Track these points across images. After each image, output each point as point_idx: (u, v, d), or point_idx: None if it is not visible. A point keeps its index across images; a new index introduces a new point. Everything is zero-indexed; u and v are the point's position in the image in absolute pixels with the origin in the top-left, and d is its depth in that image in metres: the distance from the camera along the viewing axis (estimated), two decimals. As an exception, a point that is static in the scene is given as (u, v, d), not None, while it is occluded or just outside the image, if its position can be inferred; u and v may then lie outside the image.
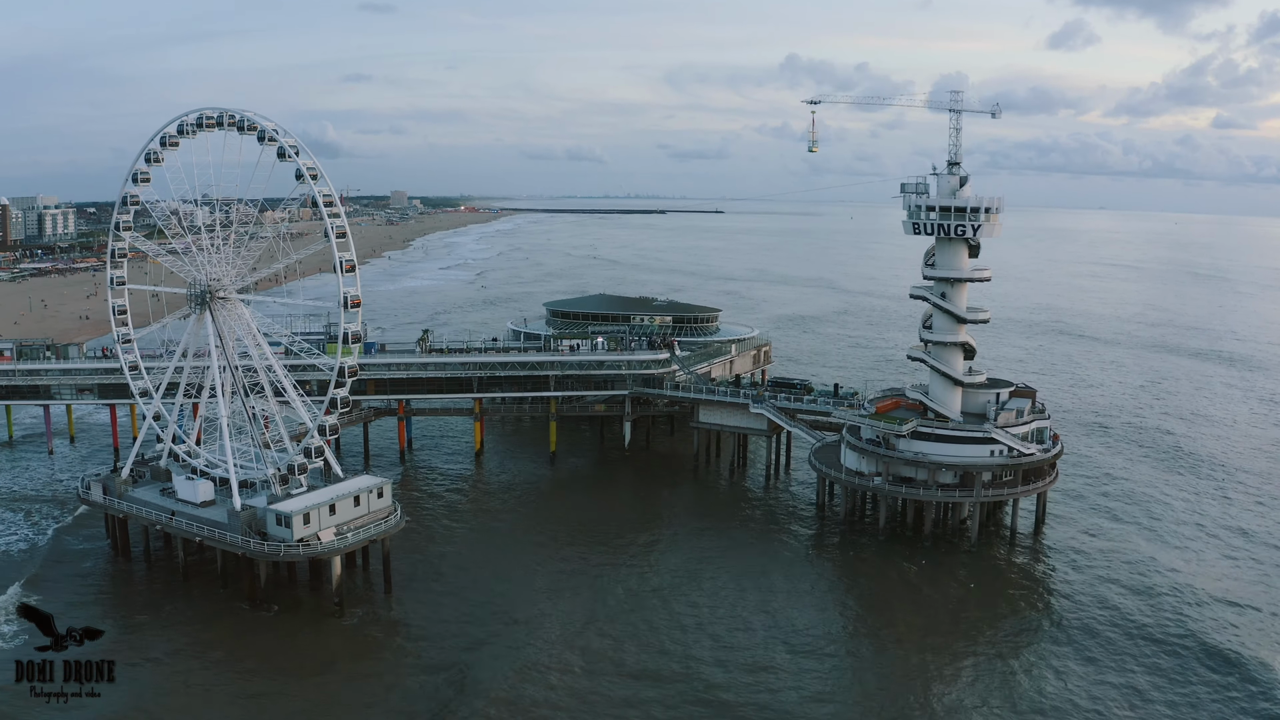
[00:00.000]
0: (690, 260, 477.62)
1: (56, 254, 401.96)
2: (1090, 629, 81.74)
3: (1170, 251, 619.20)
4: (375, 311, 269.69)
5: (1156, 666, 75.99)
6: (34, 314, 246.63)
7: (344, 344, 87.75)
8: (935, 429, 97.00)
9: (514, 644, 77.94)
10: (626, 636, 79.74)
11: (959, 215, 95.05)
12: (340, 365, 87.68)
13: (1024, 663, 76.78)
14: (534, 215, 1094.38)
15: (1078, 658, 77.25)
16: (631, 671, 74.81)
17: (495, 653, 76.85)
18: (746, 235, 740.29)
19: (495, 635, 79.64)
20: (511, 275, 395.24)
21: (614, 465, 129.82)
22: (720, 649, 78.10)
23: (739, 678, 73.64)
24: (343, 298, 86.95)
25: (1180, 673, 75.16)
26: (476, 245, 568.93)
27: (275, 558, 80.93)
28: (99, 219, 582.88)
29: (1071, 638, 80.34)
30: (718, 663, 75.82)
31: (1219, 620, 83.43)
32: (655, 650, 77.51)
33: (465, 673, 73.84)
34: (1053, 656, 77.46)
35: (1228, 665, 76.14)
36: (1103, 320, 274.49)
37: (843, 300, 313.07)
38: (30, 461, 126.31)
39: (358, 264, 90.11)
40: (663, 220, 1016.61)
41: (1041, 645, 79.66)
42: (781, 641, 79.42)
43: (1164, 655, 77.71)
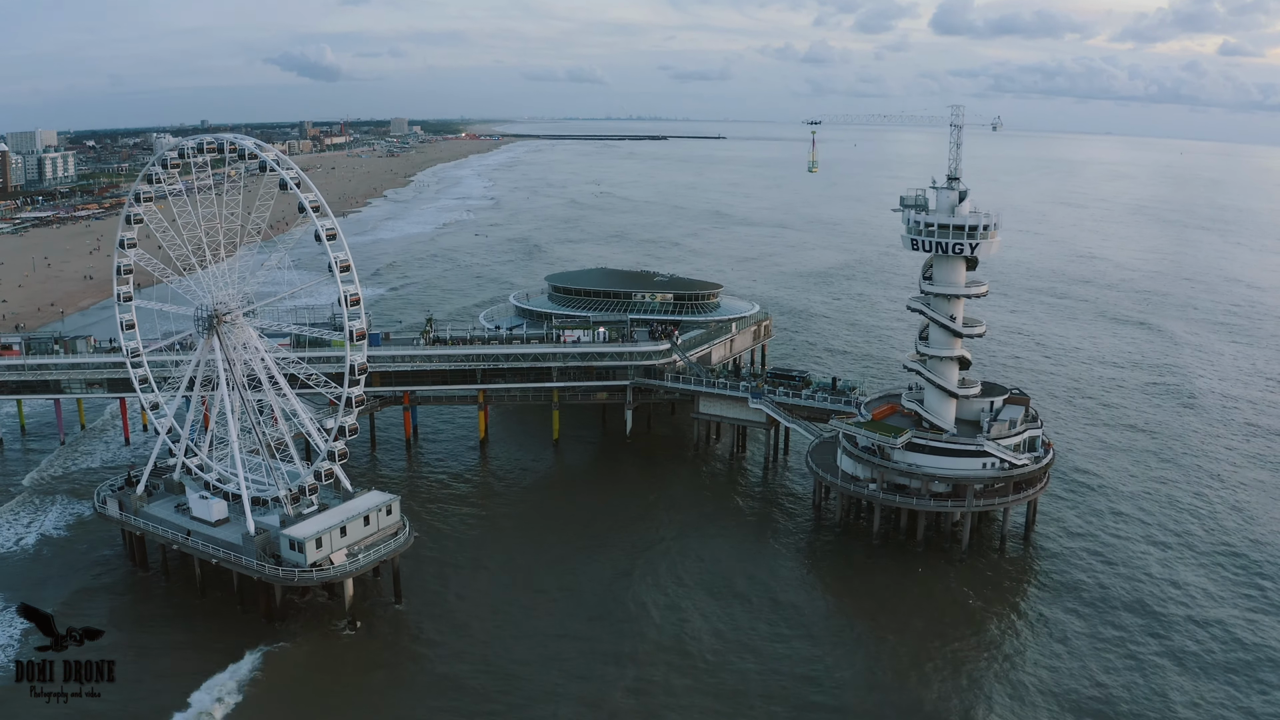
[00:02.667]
0: (693, 199, 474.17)
1: (57, 200, 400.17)
2: (1080, 631, 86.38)
3: (1177, 190, 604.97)
4: (377, 264, 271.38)
5: (1147, 668, 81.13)
6: (38, 274, 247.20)
7: (350, 340, 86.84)
8: (929, 441, 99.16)
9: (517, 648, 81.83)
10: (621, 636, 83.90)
11: (957, 233, 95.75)
12: (350, 363, 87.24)
13: (1009, 665, 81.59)
14: (535, 143, 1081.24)
15: (1067, 658, 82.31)
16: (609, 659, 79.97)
17: (500, 656, 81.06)
18: (747, 170, 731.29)
19: (500, 640, 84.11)
20: (511, 216, 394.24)
21: (616, 453, 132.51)
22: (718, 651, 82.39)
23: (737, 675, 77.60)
24: (342, 296, 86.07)
25: (1163, 673, 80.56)
26: (477, 182, 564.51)
27: (290, 582, 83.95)
28: (100, 156, 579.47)
29: (1061, 638, 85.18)
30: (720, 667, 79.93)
31: (1208, 619, 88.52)
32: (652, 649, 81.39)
33: (477, 678, 78.55)
34: (1040, 658, 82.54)
35: (1209, 653, 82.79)
36: (1105, 285, 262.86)
37: (844, 255, 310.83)
38: (43, 452, 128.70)
39: (353, 264, 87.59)
40: (664, 149, 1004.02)
41: (1029, 647, 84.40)
42: (777, 642, 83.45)
43: (1152, 658, 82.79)
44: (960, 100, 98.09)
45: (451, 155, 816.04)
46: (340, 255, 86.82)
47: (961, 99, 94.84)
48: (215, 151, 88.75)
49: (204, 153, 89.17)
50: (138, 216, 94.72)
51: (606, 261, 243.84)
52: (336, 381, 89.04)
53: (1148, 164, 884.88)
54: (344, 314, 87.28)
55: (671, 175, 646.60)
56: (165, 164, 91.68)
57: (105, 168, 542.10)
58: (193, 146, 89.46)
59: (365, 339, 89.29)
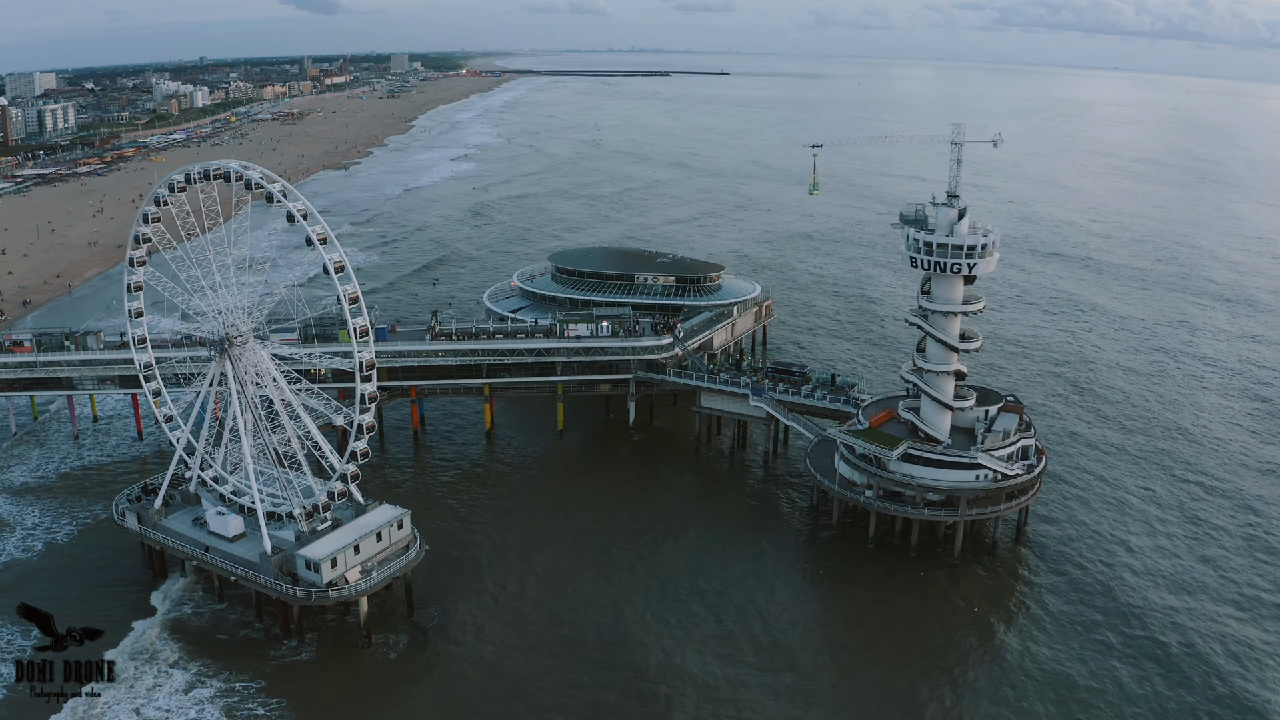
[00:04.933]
0: (697, 147, 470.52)
1: (58, 154, 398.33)
2: (1068, 634, 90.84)
3: (1184, 137, 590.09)
4: (378, 226, 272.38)
5: (1136, 670, 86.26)
6: (42, 241, 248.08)
7: (357, 337, 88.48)
8: (924, 452, 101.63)
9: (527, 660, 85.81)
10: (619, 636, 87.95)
11: (956, 253, 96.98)
12: (359, 359, 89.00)
13: (1000, 666, 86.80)
14: (536, 81, 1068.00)
15: (1052, 660, 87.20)
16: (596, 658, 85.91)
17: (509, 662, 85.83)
18: (749, 114, 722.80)
19: (509, 647, 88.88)
20: (513, 170, 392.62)
21: (619, 444, 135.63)
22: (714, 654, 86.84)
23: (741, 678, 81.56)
24: (342, 295, 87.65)
25: (1148, 676, 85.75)
26: (479, 128, 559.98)
27: (307, 602, 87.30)
28: (99, 103, 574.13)
29: (1048, 640, 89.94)
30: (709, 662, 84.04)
31: (1196, 610, 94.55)
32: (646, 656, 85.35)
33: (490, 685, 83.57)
34: (1028, 661, 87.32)
35: (1193, 659, 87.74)
36: (1107, 252, 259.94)
37: (848, 215, 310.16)
38: (57, 447, 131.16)
39: (355, 278, 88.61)
40: (667, 88, 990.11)
41: (1018, 647, 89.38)
42: (773, 644, 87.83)
43: (1143, 659, 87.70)
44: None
45: (453, 95, 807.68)
46: (334, 256, 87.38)
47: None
48: (221, 179, 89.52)
49: (210, 180, 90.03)
50: (146, 236, 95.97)
51: (609, 222, 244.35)
52: (344, 377, 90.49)
53: (1155, 106, 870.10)
54: (345, 312, 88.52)
55: (676, 120, 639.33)
56: (172, 188, 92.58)
57: (105, 116, 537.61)
58: (199, 173, 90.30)
59: (370, 335, 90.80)
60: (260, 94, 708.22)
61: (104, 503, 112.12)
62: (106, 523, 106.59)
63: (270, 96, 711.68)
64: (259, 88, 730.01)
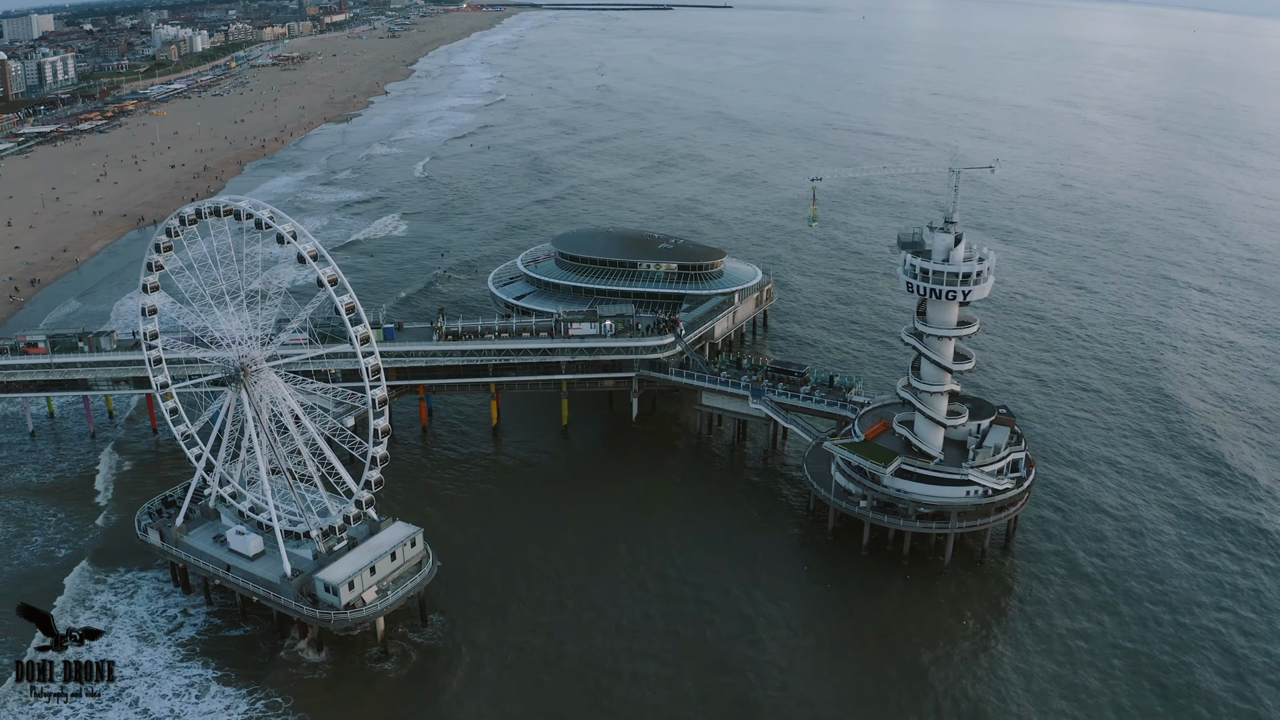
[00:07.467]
0: (704, 96, 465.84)
1: (59, 108, 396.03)
2: (1054, 642, 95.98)
3: (1192, 86, 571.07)
4: (382, 189, 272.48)
5: (1121, 676, 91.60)
6: (47, 211, 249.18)
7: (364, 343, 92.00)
8: (917, 468, 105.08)
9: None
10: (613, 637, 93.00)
11: (951, 280, 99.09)
12: (364, 367, 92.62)
13: (985, 675, 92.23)
14: (538, 17, 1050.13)
15: (1039, 667, 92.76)
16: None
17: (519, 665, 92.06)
18: (754, 54, 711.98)
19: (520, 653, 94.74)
20: (515, 122, 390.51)
21: (622, 440, 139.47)
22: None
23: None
24: (339, 306, 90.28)
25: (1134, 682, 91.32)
26: (480, 75, 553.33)
27: (326, 624, 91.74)
28: (98, 50, 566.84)
29: (1036, 647, 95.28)
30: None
31: (1185, 615, 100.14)
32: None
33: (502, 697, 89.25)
34: (1015, 667, 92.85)
35: (1180, 668, 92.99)
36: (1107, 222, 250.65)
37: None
38: (73, 445, 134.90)
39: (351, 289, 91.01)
40: (669, 25, 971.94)
41: (1005, 652, 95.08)
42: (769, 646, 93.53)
43: (1132, 660, 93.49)
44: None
45: (454, 34, 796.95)
46: (328, 271, 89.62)
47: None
48: (232, 216, 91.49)
49: (220, 216, 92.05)
50: (158, 264, 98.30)
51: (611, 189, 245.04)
52: (354, 376, 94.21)
53: (1160, 46, 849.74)
54: (345, 324, 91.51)
55: (682, 64, 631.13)
56: (183, 220, 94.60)
57: (105, 64, 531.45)
58: (209, 208, 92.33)
59: (372, 339, 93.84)
60: (259, 35, 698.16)
61: (118, 503, 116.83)
62: (120, 524, 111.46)
63: (270, 38, 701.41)
64: (258, 28, 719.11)
